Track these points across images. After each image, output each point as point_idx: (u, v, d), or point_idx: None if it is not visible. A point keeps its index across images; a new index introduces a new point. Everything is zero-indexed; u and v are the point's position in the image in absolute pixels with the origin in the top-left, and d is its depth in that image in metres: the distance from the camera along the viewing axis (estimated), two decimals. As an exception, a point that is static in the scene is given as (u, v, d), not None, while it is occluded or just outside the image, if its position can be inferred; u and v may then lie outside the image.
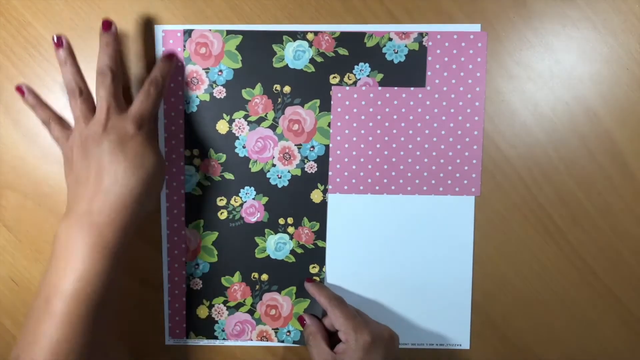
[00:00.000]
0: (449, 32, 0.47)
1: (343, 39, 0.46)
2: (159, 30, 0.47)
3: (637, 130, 0.47)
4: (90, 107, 0.42)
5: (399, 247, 0.49)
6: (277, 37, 0.46)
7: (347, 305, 0.45)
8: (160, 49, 0.47)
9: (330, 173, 0.48)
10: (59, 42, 0.42)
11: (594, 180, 0.48)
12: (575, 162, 0.48)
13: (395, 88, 0.47)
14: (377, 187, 0.49)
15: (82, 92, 0.42)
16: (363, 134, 0.48)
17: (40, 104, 0.44)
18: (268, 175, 0.48)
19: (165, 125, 0.48)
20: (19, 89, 0.44)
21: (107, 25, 0.42)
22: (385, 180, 0.48)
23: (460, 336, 0.50)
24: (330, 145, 0.48)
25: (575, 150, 0.48)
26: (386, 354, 0.43)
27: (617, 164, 0.48)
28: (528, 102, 0.47)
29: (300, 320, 0.49)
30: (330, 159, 0.48)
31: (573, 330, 0.50)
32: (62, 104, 0.48)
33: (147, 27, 0.47)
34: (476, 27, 0.47)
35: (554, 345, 0.50)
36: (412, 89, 0.47)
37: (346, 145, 0.48)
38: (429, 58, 0.47)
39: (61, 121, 0.44)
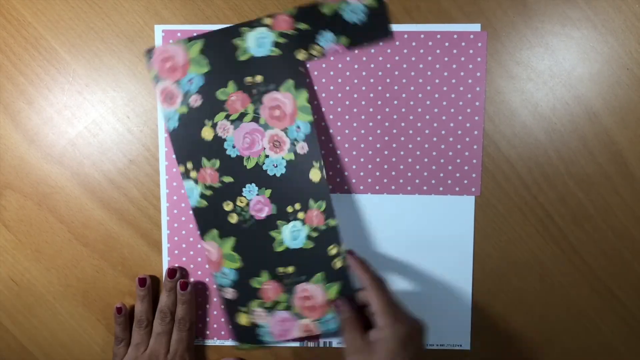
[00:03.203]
0: (449, 32, 0.47)
1: (300, 14, 0.46)
2: (159, 30, 0.47)
3: (637, 130, 0.47)
4: (148, 337, 0.48)
5: (398, 247, 0.49)
6: (236, 32, 0.46)
7: (388, 290, 0.43)
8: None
9: (322, 152, 0.48)
10: (142, 283, 0.49)
11: (594, 180, 0.48)
12: (575, 162, 0.48)
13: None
14: (377, 187, 0.49)
15: (147, 325, 0.49)
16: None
17: (126, 324, 0.49)
18: (264, 167, 0.47)
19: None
20: (119, 309, 0.49)
21: (172, 273, 0.49)
22: (385, 180, 0.48)
23: (460, 336, 0.50)
24: (316, 117, 0.47)
25: (575, 150, 0.48)
26: (417, 349, 0.41)
27: (617, 164, 0.48)
28: (528, 102, 0.47)
29: (335, 305, 0.47)
30: (321, 137, 0.48)
31: (573, 330, 0.50)
32: (62, 104, 0.48)
33: (147, 27, 0.47)
34: (476, 27, 0.47)
35: (554, 344, 0.50)
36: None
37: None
38: (429, 58, 0.47)
39: (128, 343, 0.49)
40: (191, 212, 0.48)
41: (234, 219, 0.48)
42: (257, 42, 0.46)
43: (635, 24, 0.46)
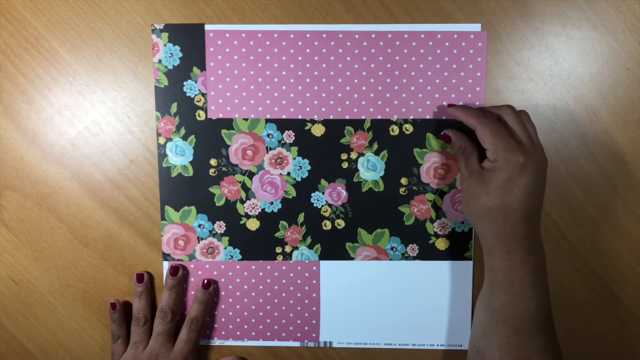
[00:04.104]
0: (449, 32, 0.47)
1: (160, 110, 0.48)
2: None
3: (637, 130, 0.47)
4: (147, 335, 0.48)
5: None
6: (165, 170, 0.48)
7: (498, 123, 0.42)
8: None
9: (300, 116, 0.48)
10: (140, 279, 0.49)
11: (594, 180, 0.48)
12: (575, 162, 0.48)
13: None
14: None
15: (145, 323, 0.48)
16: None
17: (121, 321, 0.49)
18: (299, 178, 0.48)
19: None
20: (113, 305, 0.49)
21: (174, 271, 0.48)
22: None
23: (460, 336, 0.50)
24: (263, 118, 0.48)
25: (575, 150, 0.48)
26: (536, 179, 0.40)
27: (617, 164, 0.48)
28: (528, 102, 0.47)
29: (445, 137, 0.45)
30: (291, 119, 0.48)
31: (572, 330, 0.50)
32: (62, 104, 0.48)
33: (147, 27, 0.47)
34: (476, 27, 0.47)
35: (554, 345, 0.50)
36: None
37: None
38: (429, 58, 0.47)
39: (126, 341, 0.49)
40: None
41: (341, 224, 0.49)
42: (178, 152, 0.48)
43: (635, 24, 0.46)
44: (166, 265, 0.50)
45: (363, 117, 0.48)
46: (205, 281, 0.49)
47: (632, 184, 0.48)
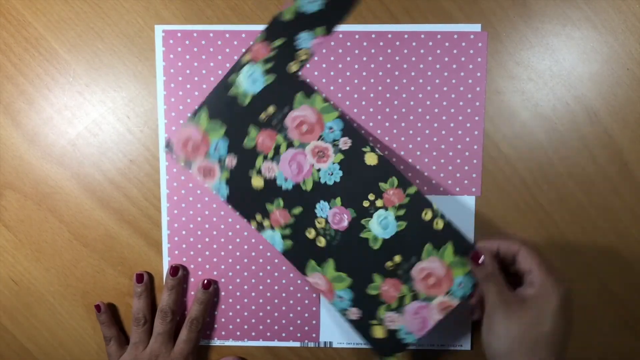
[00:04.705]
0: (449, 32, 0.47)
1: (269, 34, 0.46)
2: (159, 30, 0.47)
3: (637, 130, 0.47)
4: (147, 336, 0.48)
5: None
6: (227, 83, 0.46)
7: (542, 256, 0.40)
8: (160, 49, 0.47)
9: (363, 132, 0.48)
10: (140, 279, 0.49)
11: (594, 180, 0.48)
12: (575, 162, 0.48)
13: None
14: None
15: (145, 323, 0.48)
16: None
17: (109, 322, 0.49)
18: (322, 180, 0.47)
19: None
20: (97, 307, 0.49)
21: (174, 271, 0.48)
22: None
23: (460, 336, 0.50)
24: (340, 110, 0.47)
25: (575, 150, 0.48)
26: (571, 317, 0.39)
27: (617, 164, 0.48)
28: (528, 102, 0.47)
29: (473, 256, 0.43)
30: (351, 122, 0.48)
31: (573, 330, 0.50)
32: (62, 104, 0.48)
33: (147, 27, 0.47)
34: (476, 27, 0.47)
35: (554, 345, 0.50)
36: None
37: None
38: (429, 58, 0.47)
39: (119, 340, 0.49)
40: (283, 256, 0.47)
41: (322, 242, 0.47)
42: (250, 80, 0.46)
43: (635, 24, 0.46)
44: (166, 265, 0.50)
45: (363, 118, 0.48)
46: (205, 281, 0.49)
47: (632, 184, 0.48)
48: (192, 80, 0.48)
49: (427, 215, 0.45)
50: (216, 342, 0.51)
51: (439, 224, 0.45)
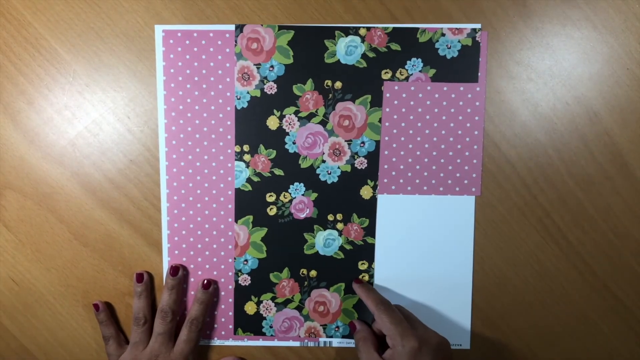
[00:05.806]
0: (449, 32, 0.47)
1: (395, 34, 0.46)
2: (159, 30, 0.47)
3: (637, 130, 0.47)
4: (147, 336, 0.48)
5: (399, 246, 0.49)
6: (329, 33, 0.46)
7: (394, 310, 0.45)
8: (160, 49, 0.47)
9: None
10: (140, 279, 0.49)
11: (594, 180, 0.48)
12: (575, 162, 0.48)
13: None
14: (377, 187, 0.49)
15: (145, 323, 0.48)
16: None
17: (108, 322, 0.49)
18: (318, 171, 0.48)
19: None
20: (96, 306, 0.49)
21: (174, 271, 0.48)
22: (385, 180, 0.48)
23: (460, 336, 0.50)
24: (381, 140, 0.47)
25: (575, 150, 0.48)
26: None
27: (617, 164, 0.48)
28: (528, 102, 0.47)
29: (351, 325, 0.48)
30: (380, 156, 0.48)
31: (573, 330, 0.50)
32: (62, 104, 0.48)
33: (147, 27, 0.47)
34: (476, 27, 0.47)
35: (554, 345, 0.50)
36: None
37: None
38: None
39: (118, 339, 0.49)
40: (230, 192, 0.48)
41: (272, 211, 0.48)
42: (347, 50, 0.46)
43: (635, 24, 0.46)
44: (166, 265, 0.50)
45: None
46: (205, 281, 0.49)
47: (632, 184, 0.48)
48: (192, 80, 0.48)
49: (363, 265, 0.49)
50: (216, 342, 0.51)
51: (365, 278, 0.49)
